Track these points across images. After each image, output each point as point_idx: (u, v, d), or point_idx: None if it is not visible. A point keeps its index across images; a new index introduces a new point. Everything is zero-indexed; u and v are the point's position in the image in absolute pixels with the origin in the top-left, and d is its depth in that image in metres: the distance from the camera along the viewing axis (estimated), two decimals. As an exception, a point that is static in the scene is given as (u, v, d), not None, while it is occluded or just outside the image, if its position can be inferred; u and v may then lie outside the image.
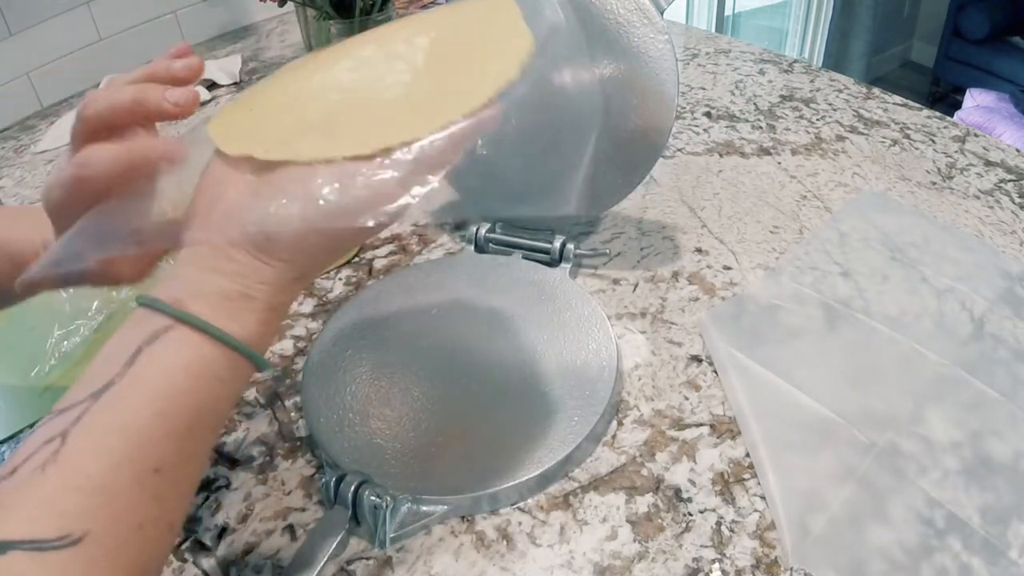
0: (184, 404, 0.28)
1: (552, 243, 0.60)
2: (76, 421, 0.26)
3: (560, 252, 0.60)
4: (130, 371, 0.27)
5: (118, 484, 0.26)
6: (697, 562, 0.40)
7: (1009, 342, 0.51)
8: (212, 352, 0.29)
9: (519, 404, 0.47)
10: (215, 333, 0.28)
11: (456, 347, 0.52)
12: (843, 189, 0.69)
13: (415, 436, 0.46)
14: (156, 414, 0.27)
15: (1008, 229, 0.63)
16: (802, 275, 0.58)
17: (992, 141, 0.76)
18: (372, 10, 0.80)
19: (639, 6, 0.53)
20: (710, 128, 0.81)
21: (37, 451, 0.26)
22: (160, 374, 0.28)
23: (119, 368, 0.27)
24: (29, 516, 0.24)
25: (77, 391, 0.27)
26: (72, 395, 0.27)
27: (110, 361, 0.28)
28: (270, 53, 1.14)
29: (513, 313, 0.54)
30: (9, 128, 0.99)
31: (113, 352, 0.28)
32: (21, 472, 0.25)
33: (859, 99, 0.86)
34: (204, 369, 0.28)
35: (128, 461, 0.26)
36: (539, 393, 0.48)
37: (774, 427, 0.46)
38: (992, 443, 0.45)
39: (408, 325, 0.54)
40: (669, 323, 0.56)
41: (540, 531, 0.42)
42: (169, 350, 0.28)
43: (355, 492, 0.40)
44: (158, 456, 0.27)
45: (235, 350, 0.29)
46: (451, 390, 0.49)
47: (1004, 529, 0.40)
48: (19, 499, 0.25)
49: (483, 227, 0.62)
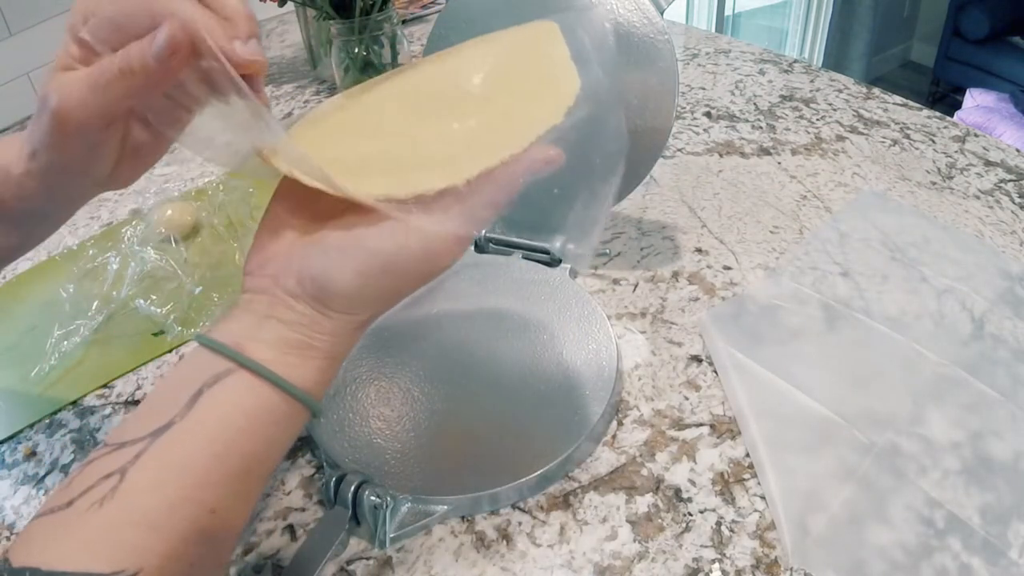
0: (242, 447, 0.28)
1: (552, 243, 0.60)
2: (135, 459, 0.27)
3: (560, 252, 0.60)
4: (191, 412, 0.28)
5: (174, 523, 0.26)
6: (697, 562, 0.40)
7: (1009, 342, 0.51)
8: (271, 398, 0.29)
9: (519, 404, 0.47)
10: (276, 381, 0.29)
11: (456, 347, 0.52)
12: (843, 189, 0.69)
13: (415, 436, 0.46)
14: (215, 456, 0.27)
15: (1008, 229, 0.63)
16: (802, 275, 0.58)
17: (992, 141, 0.76)
18: (372, 10, 0.80)
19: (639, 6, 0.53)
20: (710, 128, 0.81)
21: (95, 486, 0.26)
22: (220, 417, 0.28)
23: (180, 408, 0.28)
24: (86, 549, 0.25)
25: (135, 426, 0.28)
26: (131, 430, 0.28)
27: (170, 400, 0.28)
28: (270, 53, 1.14)
29: (513, 313, 0.54)
30: (9, 128, 0.99)
31: (173, 390, 0.29)
32: (78, 504, 0.26)
33: (859, 99, 0.86)
34: (263, 414, 0.29)
35: (185, 501, 0.27)
36: (539, 393, 0.48)
37: (774, 427, 0.46)
38: (992, 443, 0.45)
39: (408, 325, 0.54)
40: (669, 323, 0.56)
41: (540, 531, 0.42)
42: (230, 394, 0.28)
43: (355, 492, 0.40)
44: (214, 497, 0.27)
45: (294, 397, 0.29)
46: (451, 390, 0.49)
47: (1004, 529, 0.40)
48: (76, 532, 0.26)
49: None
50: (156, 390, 0.30)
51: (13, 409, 0.54)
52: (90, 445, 0.51)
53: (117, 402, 0.54)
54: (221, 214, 0.71)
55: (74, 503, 0.26)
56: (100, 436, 0.51)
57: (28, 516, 0.46)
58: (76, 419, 0.53)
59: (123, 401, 0.54)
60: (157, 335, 0.59)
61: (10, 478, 0.49)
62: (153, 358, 0.57)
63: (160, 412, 0.28)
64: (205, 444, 0.27)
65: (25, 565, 0.25)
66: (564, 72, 0.35)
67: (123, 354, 0.58)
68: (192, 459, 0.27)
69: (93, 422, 0.52)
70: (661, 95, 0.53)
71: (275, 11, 1.24)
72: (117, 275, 0.64)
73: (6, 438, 0.52)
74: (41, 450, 0.51)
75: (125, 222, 0.71)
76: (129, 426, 0.28)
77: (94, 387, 0.55)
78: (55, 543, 0.25)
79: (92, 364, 0.57)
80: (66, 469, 0.49)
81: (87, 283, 0.65)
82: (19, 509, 0.47)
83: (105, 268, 0.65)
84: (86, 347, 0.58)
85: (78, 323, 0.60)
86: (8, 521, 0.46)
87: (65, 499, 0.26)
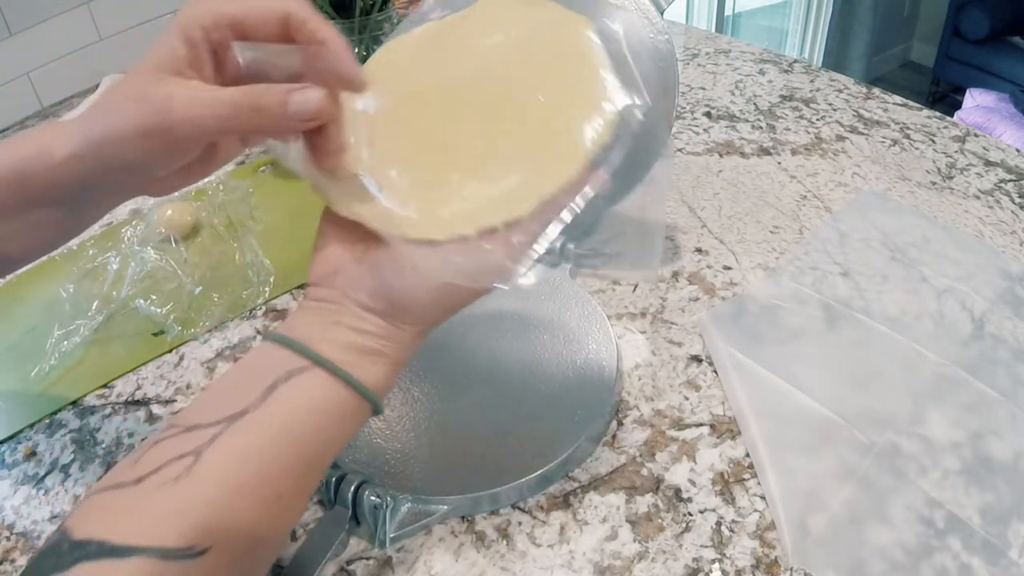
0: (311, 440, 0.30)
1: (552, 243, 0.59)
2: (211, 441, 0.28)
3: (560, 252, 0.60)
4: (265, 404, 0.29)
5: (244, 505, 0.28)
6: (697, 562, 0.40)
7: (1009, 342, 0.51)
8: (341, 396, 0.30)
9: (519, 404, 0.47)
10: (349, 380, 0.30)
11: (456, 347, 0.52)
12: (843, 189, 0.69)
13: (415, 436, 0.46)
14: (286, 446, 0.29)
15: (1008, 229, 0.63)
16: (802, 275, 0.58)
17: (992, 141, 0.76)
18: (372, 10, 0.80)
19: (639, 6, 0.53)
20: (710, 128, 0.81)
21: (166, 465, 0.27)
22: (293, 410, 0.29)
23: (254, 399, 0.29)
24: (156, 525, 0.26)
25: (205, 412, 0.29)
26: (200, 415, 0.29)
27: (243, 390, 0.30)
28: (270, 53, 1.14)
29: (513, 313, 0.54)
30: (9, 128, 0.99)
31: (245, 382, 0.30)
32: (148, 482, 0.27)
33: (859, 99, 0.86)
34: (333, 410, 0.30)
35: (256, 485, 0.28)
36: (539, 393, 0.48)
37: (774, 427, 0.46)
38: (992, 443, 0.45)
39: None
40: (669, 323, 0.56)
41: (540, 531, 0.42)
42: (304, 389, 0.30)
43: (355, 492, 0.40)
44: (281, 484, 0.29)
45: (363, 396, 0.31)
46: (451, 390, 0.49)
47: (1004, 529, 0.40)
48: (146, 508, 0.26)
49: None
50: (226, 380, 0.31)
51: (13, 409, 0.54)
52: (90, 445, 0.51)
53: (117, 402, 0.54)
54: (221, 214, 0.71)
55: (143, 481, 0.27)
56: (100, 436, 0.51)
57: (28, 516, 0.46)
58: (76, 419, 0.53)
59: (123, 401, 0.54)
60: (157, 335, 0.59)
61: (10, 478, 0.49)
62: (153, 358, 0.57)
63: (233, 401, 0.29)
64: (278, 434, 0.29)
65: (91, 537, 0.25)
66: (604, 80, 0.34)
67: (123, 354, 0.58)
68: (265, 447, 0.28)
69: (93, 422, 0.52)
70: (661, 95, 0.53)
71: (275, 11, 1.24)
72: (117, 275, 0.64)
73: (6, 438, 0.52)
74: (41, 450, 0.51)
75: (125, 222, 0.71)
76: (197, 411, 0.29)
77: (94, 387, 0.55)
78: (123, 518, 0.26)
79: (92, 364, 0.57)
80: (66, 469, 0.49)
81: (87, 283, 0.65)
82: (19, 509, 0.47)
83: (105, 268, 0.65)
84: (86, 347, 0.58)
85: (78, 323, 0.60)
86: (8, 521, 0.46)
87: (133, 476, 0.27)
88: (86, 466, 0.49)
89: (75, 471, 0.49)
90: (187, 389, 0.54)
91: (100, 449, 0.50)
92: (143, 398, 0.54)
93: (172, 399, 0.54)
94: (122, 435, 0.51)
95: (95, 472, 0.49)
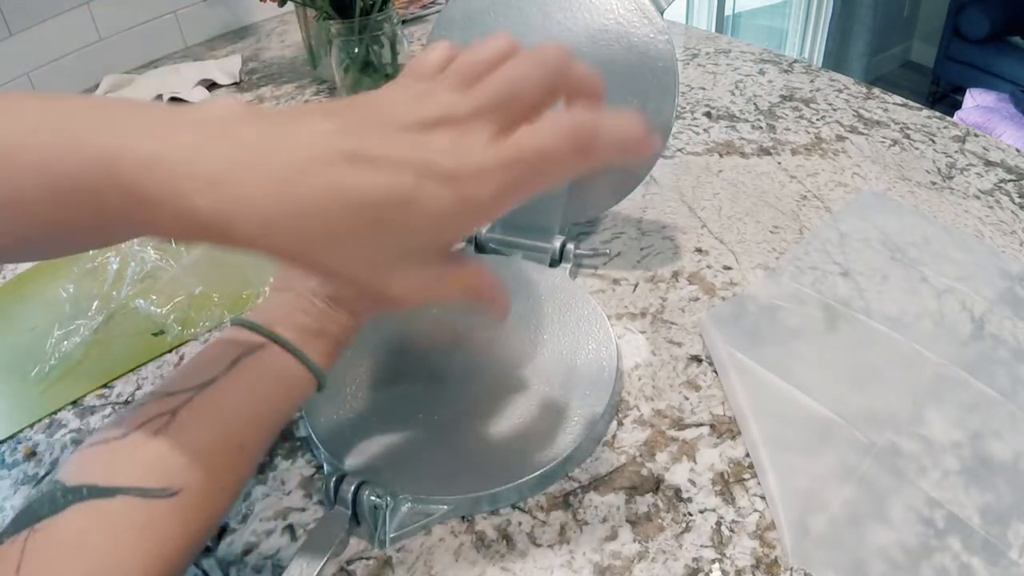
0: (269, 400, 0.36)
1: (552, 243, 0.60)
2: (186, 403, 0.33)
3: (560, 252, 0.60)
4: (231, 372, 0.35)
5: (213, 453, 0.33)
6: (697, 562, 0.40)
7: (1009, 342, 0.51)
8: (293, 368, 0.37)
9: (519, 404, 0.47)
10: (299, 355, 0.37)
11: (456, 347, 0.52)
12: (843, 189, 0.69)
13: (415, 436, 0.46)
14: (248, 404, 0.35)
15: (1008, 229, 0.63)
16: (802, 275, 0.58)
17: (992, 141, 0.76)
18: (372, 10, 0.80)
19: (639, 6, 0.53)
20: (710, 128, 0.81)
21: (149, 422, 0.32)
22: (254, 377, 0.35)
23: (222, 369, 0.35)
24: (139, 469, 0.31)
25: (181, 382, 0.34)
26: (176, 384, 0.34)
27: (212, 363, 0.35)
28: (270, 53, 1.14)
29: (513, 313, 0.54)
30: (9, 128, 0.98)
31: (214, 356, 0.36)
32: (134, 436, 0.31)
33: (859, 99, 0.86)
34: (285, 379, 0.37)
35: (223, 437, 0.33)
36: (539, 393, 0.48)
37: (774, 427, 0.46)
38: (992, 443, 0.45)
39: (408, 324, 0.54)
40: (669, 323, 0.56)
41: (540, 531, 0.42)
42: (263, 361, 0.36)
43: (355, 492, 0.40)
44: (244, 436, 0.34)
45: (310, 370, 0.37)
46: (451, 390, 0.49)
47: (1004, 529, 0.40)
48: (133, 455, 0.31)
49: (483, 227, 0.62)
50: (198, 356, 0.36)
51: (13, 409, 0.54)
52: (90, 445, 0.51)
53: (117, 402, 0.54)
54: (221, 214, 0.71)
55: (129, 435, 0.31)
56: (100, 436, 0.51)
57: (28, 516, 0.46)
58: (76, 419, 0.53)
59: (123, 401, 0.54)
60: (157, 335, 0.59)
61: (10, 478, 0.49)
62: (153, 358, 0.57)
63: (203, 371, 0.35)
64: (242, 395, 0.35)
65: (82, 483, 0.29)
66: None
67: (123, 354, 0.58)
68: (231, 405, 0.34)
69: (93, 422, 0.52)
70: (661, 95, 0.53)
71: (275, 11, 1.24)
72: (117, 275, 0.64)
73: (6, 438, 0.52)
74: (41, 450, 0.51)
75: (125, 222, 0.71)
76: (174, 381, 0.35)
77: (94, 387, 0.55)
78: (111, 465, 0.31)
79: (92, 364, 0.57)
80: (66, 469, 0.49)
81: (87, 283, 0.65)
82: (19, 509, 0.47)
83: (105, 268, 0.65)
84: (86, 347, 0.58)
85: (78, 323, 0.60)
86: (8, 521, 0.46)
87: (119, 432, 0.32)
88: (86, 466, 0.49)
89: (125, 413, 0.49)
90: (187, 389, 0.54)
91: (100, 449, 0.50)
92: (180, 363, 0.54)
93: (172, 399, 0.54)
94: (122, 435, 0.51)
95: (95, 472, 0.49)
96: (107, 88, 1.01)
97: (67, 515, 0.29)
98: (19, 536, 0.29)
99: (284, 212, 0.26)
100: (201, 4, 1.15)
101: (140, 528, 0.29)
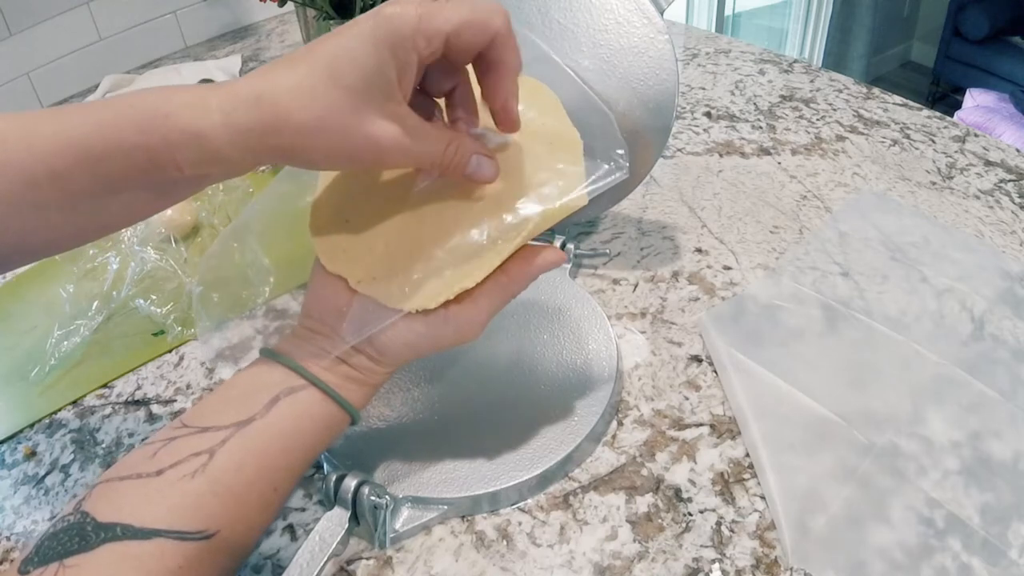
0: (304, 444, 0.36)
1: (552, 243, 0.59)
2: (223, 443, 0.33)
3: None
4: (269, 414, 0.35)
5: (247, 497, 0.33)
6: (697, 562, 0.40)
7: (1009, 342, 0.51)
8: (331, 411, 0.37)
9: (519, 404, 0.47)
10: (340, 401, 0.37)
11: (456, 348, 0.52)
12: (843, 189, 0.69)
13: (415, 436, 0.46)
14: (285, 449, 0.35)
15: (1008, 229, 0.63)
16: (802, 275, 0.58)
17: (992, 141, 0.76)
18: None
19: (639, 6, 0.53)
20: (710, 128, 0.81)
21: (185, 460, 0.32)
22: (292, 420, 0.35)
23: (260, 409, 0.35)
24: (174, 512, 0.31)
25: (216, 416, 0.34)
26: (211, 418, 0.34)
27: (249, 400, 0.35)
28: (270, 53, 1.14)
29: (513, 313, 0.54)
30: (9, 128, 0.98)
31: (251, 391, 0.36)
32: (168, 475, 0.32)
33: (859, 99, 0.86)
34: (323, 422, 0.37)
35: (258, 480, 0.34)
36: (539, 393, 0.48)
37: (774, 427, 0.46)
38: (992, 443, 0.45)
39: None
40: (669, 323, 0.56)
41: (540, 531, 0.42)
42: (303, 404, 0.36)
43: (355, 492, 0.40)
44: (278, 479, 0.35)
45: (348, 413, 0.37)
46: (451, 390, 0.49)
47: (1004, 529, 0.40)
48: (167, 497, 0.31)
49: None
50: (233, 389, 0.36)
51: (13, 409, 0.54)
52: (90, 445, 0.51)
53: (117, 402, 0.54)
54: (221, 214, 0.71)
55: (164, 473, 0.32)
56: (100, 436, 0.51)
57: (28, 516, 0.46)
58: (76, 419, 0.53)
59: (123, 401, 0.54)
60: (157, 335, 0.59)
61: (10, 478, 0.49)
62: (153, 358, 0.57)
63: (240, 407, 0.35)
64: (278, 438, 0.35)
65: (116, 521, 0.30)
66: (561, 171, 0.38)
67: (123, 354, 0.58)
68: (267, 449, 0.34)
69: (93, 422, 0.52)
70: (661, 95, 0.53)
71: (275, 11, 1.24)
72: (117, 275, 0.64)
73: (6, 438, 0.52)
74: (41, 450, 0.51)
75: (125, 222, 0.71)
76: (208, 414, 0.35)
77: (94, 387, 0.55)
78: (146, 505, 0.31)
79: (92, 364, 0.57)
80: (66, 469, 0.49)
81: (87, 283, 0.65)
82: (19, 509, 0.47)
83: (105, 268, 0.65)
84: (86, 347, 0.58)
85: (78, 323, 0.60)
86: (8, 521, 0.46)
87: (154, 468, 0.32)
88: (86, 466, 0.49)
89: (75, 471, 0.49)
90: (187, 389, 0.54)
91: (100, 449, 0.50)
92: (143, 398, 0.54)
93: (172, 399, 0.54)
94: (122, 435, 0.51)
95: (95, 472, 0.49)
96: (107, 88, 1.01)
97: (100, 554, 0.29)
98: (48, 568, 0.28)
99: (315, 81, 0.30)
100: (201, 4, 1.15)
101: (175, 571, 0.30)
